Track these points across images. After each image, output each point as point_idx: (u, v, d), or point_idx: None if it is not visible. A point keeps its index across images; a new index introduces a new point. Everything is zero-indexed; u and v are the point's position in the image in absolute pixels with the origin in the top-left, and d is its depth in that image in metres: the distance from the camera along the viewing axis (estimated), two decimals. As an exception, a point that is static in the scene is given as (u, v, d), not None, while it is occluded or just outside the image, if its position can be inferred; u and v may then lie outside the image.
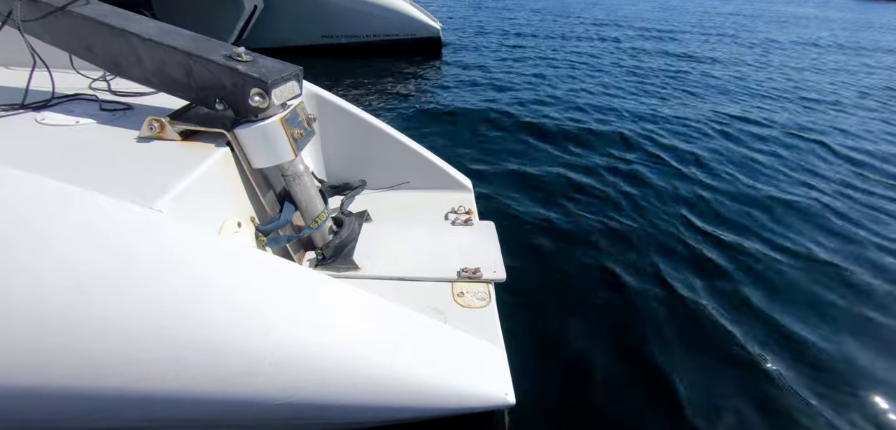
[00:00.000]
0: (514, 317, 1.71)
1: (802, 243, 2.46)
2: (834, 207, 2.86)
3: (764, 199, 2.95)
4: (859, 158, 3.75)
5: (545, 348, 1.73)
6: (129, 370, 0.68)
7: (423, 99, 5.38)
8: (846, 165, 3.62)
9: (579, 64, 7.44)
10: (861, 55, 8.88)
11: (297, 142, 1.18)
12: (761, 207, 2.85)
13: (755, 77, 6.67)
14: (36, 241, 0.70)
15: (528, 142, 3.94)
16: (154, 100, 1.44)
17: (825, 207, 2.85)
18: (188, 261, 0.75)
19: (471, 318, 1.11)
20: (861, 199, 3.02)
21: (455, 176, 1.73)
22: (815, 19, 15.00)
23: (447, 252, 1.33)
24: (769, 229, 2.59)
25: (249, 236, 1.17)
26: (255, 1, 7.07)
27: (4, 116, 1.24)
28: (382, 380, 0.78)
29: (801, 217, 2.74)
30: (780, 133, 4.32)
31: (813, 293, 2.09)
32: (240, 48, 1.14)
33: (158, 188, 0.92)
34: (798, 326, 1.88)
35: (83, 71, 1.54)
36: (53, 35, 1.26)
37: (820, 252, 2.37)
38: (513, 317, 1.27)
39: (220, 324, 0.71)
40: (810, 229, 2.61)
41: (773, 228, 2.60)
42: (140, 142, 1.14)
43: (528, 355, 1.64)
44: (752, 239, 2.48)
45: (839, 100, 5.68)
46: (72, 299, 0.67)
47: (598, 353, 1.72)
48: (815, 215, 2.76)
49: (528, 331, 1.77)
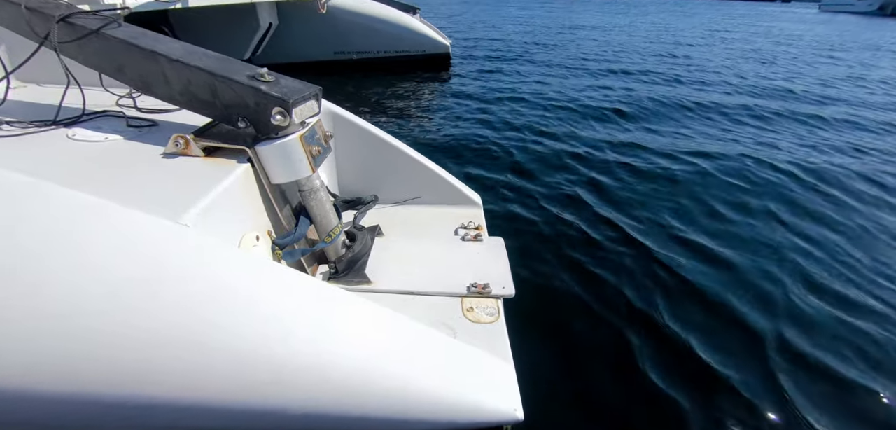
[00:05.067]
0: (523, 333, 1.72)
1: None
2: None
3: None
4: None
5: (554, 365, 1.74)
6: (158, 375, 0.71)
7: (433, 113, 5.45)
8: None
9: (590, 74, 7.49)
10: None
11: (314, 158, 1.22)
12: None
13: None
14: (72, 250, 0.74)
15: (537, 155, 3.98)
16: (177, 116, 1.50)
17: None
18: (213, 272, 0.79)
19: (480, 333, 1.13)
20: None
21: (465, 192, 1.76)
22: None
23: (457, 267, 1.36)
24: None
25: (266, 249, 1.21)
26: (271, 18, 7.26)
27: (39, 131, 1.31)
28: (396, 391, 0.80)
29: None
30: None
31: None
32: (263, 69, 1.20)
33: (185, 202, 0.96)
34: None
35: (110, 88, 1.62)
36: (87, 56, 1.33)
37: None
38: (522, 333, 1.28)
39: (244, 332, 0.74)
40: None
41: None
42: (166, 157, 1.19)
43: (537, 371, 1.65)
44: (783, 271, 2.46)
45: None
46: (106, 305, 0.71)
47: (606, 371, 1.72)
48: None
49: (537, 347, 1.78)
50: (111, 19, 1.33)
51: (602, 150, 4.17)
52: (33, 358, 0.71)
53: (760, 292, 2.16)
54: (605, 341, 1.86)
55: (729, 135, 4.76)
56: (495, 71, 8.05)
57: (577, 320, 1.98)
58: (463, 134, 4.65)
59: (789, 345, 1.85)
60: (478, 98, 6.16)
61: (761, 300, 2.11)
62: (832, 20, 22.91)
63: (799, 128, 5.14)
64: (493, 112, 5.47)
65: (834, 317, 2.03)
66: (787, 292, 2.16)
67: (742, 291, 2.17)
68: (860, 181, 3.59)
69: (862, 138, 4.80)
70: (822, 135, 4.91)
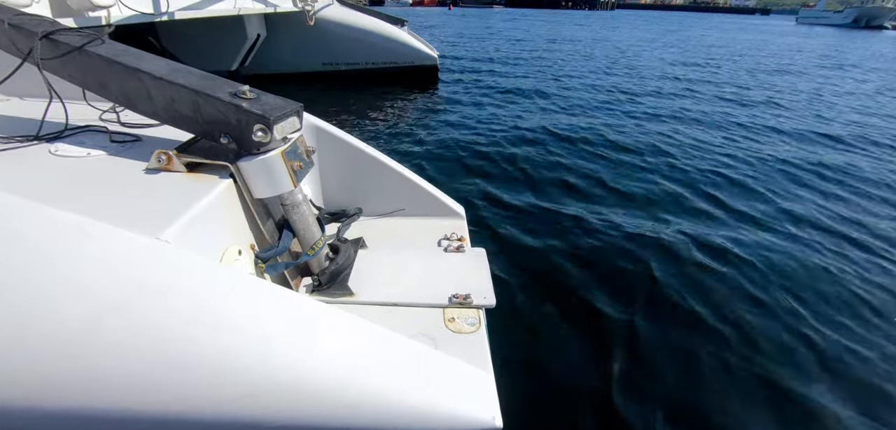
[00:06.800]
0: (504, 342, 1.75)
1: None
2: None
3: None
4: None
5: (532, 373, 1.77)
6: (137, 392, 0.72)
7: (419, 125, 5.50)
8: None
9: (576, 90, 7.63)
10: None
11: (296, 173, 1.25)
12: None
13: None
14: (54, 270, 0.75)
15: (520, 169, 4.05)
16: (160, 132, 1.51)
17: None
18: (193, 289, 0.80)
19: (461, 343, 1.15)
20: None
21: (448, 203, 1.79)
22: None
23: (439, 278, 1.38)
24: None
25: (249, 263, 1.22)
26: (259, 29, 7.27)
27: (21, 146, 1.30)
28: (374, 404, 0.81)
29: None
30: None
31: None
32: (244, 86, 1.22)
33: (165, 219, 0.97)
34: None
35: (94, 103, 1.62)
36: (70, 71, 1.34)
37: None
38: (502, 342, 1.31)
39: (223, 348, 0.75)
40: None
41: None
42: (148, 173, 1.20)
43: (516, 379, 1.68)
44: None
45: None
46: (87, 324, 0.72)
47: (584, 377, 1.76)
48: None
49: (517, 356, 1.81)
50: (94, 36, 1.34)
51: (589, 159, 4.26)
52: (13, 376, 0.71)
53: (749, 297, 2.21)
54: (584, 349, 1.90)
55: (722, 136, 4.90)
56: (482, 82, 8.15)
57: (556, 329, 2.01)
58: (449, 145, 4.70)
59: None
60: (465, 110, 6.23)
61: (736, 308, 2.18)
62: (810, 33, 23.89)
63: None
64: (480, 123, 5.54)
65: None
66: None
67: (736, 301, 2.22)
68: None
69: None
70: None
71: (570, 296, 2.22)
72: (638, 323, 2.03)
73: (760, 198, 3.37)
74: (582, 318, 2.08)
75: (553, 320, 2.06)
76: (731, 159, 4.32)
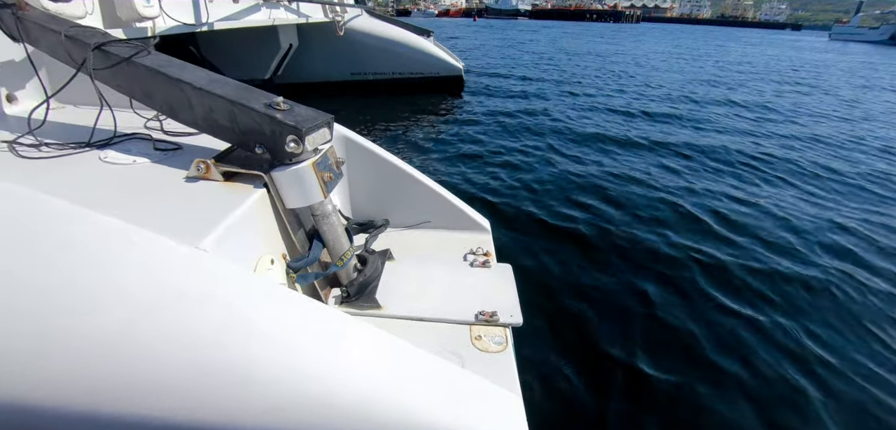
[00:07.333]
0: (532, 362, 1.70)
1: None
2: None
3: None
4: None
5: (561, 396, 1.71)
6: (168, 396, 0.74)
7: (445, 136, 5.52)
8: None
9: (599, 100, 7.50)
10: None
11: (326, 184, 1.26)
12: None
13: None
14: (100, 273, 0.79)
15: (551, 181, 3.99)
16: (199, 140, 1.57)
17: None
18: (229, 298, 0.82)
19: (488, 362, 1.13)
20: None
21: (474, 217, 1.78)
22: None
23: (465, 294, 1.37)
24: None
25: (281, 273, 1.24)
26: (291, 39, 7.52)
27: (75, 153, 1.38)
28: (401, 421, 0.80)
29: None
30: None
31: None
32: (278, 98, 1.25)
33: (204, 227, 1.00)
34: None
35: (139, 111, 1.70)
36: (118, 81, 1.41)
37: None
38: (530, 362, 1.28)
39: (252, 355, 0.76)
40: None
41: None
42: (188, 181, 1.25)
43: (545, 402, 1.63)
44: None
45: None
46: (126, 328, 0.74)
47: (614, 402, 1.69)
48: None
49: (546, 378, 1.76)
50: (142, 48, 1.41)
51: (618, 179, 4.16)
52: (54, 373, 0.74)
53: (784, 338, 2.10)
54: (615, 374, 1.83)
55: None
56: (507, 93, 8.14)
57: (585, 351, 1.95)
58: (473, 156, 4.69)
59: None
60: (489, 121, 6.22)
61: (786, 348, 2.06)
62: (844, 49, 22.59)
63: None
64: (505, 135, 5.52)
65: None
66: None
67: (768, 351, 2.10)
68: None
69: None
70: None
71: (601, 318, 2.16)
72: (679, 355, 1.95)
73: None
74: (614, 342, 2.00)
75: (582, 342, 2.00)
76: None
